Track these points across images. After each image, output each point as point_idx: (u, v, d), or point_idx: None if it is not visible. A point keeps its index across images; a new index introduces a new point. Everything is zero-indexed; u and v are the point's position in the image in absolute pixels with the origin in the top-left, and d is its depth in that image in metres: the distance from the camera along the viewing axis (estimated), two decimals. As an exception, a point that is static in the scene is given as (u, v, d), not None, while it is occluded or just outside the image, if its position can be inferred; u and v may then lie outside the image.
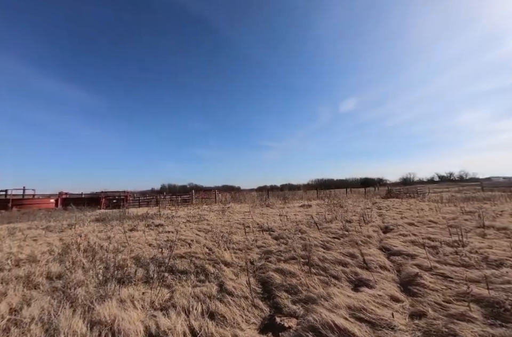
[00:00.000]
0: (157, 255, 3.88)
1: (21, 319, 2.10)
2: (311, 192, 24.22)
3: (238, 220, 7.83)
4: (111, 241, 4.87)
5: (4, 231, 6.96)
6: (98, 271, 3.01)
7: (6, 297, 2.58)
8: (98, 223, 8.27)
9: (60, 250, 4.41)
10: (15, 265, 3.68)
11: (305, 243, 4.39)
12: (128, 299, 2.41)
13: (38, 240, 5.63)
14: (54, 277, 3.10)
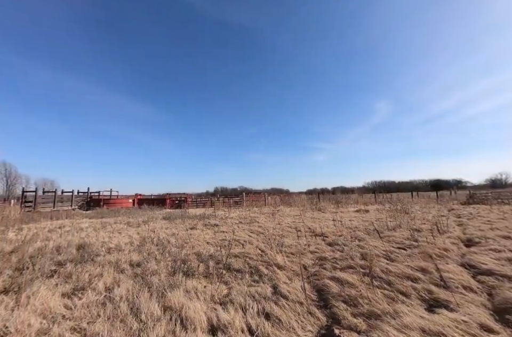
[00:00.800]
0: (215, 253, 4.18)
1: (113, 297, 2.57)
2: (367, 196, 22.10)
3: (289, 223, 7.75)
4: (176, 237, 5.50)
5: (99, 224, 8.67)
6: (167, 263, 3.45)
7: (102, 277, 3.19)
8: (165, 221, 9.45)
9: (138, 242, 5.22)
10: (107, 252, 4.53)
11: (364, 252, 4.02)
12: (193, 291, 2.67)
13: (121, 233, 6.80)
14: (135, 264, 3.68)
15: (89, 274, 3.24)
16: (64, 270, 3.37)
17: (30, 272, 3.30)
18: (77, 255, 4.09)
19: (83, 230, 7.22)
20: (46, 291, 2.72)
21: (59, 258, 3.98)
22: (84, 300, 2.54)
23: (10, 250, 4.47)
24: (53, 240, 5.45)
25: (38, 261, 3.66)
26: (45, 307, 2.39)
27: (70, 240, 5.39)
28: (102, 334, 1.90)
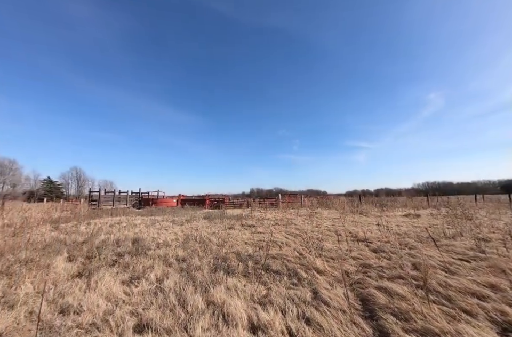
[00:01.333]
0: (253, 253, 4.26)
1: (163, 288, 2.83)
2: (417, 199, 19.79)
3: (328, 227, 7.44)
4: (216, 236, 5.77)
5: (149, 221, 9.62)
6: (209, 260, 3.64)
7: (153, 269, 3.54)
8: (205, 220, 9.99)
9: (182, 239, 5.64)
10: (157, 247, 4.99)
11: (417, 261, 3.62)
12: (233, 289, 2.77)
13: (168, 230, 7.43)
14: (180, 259, 3.99)
15: (142, 266, 3.62)
16: (123, 261, 3.83)
17: (96, 261, 3.85)
18: (132, 248, 4.62)
19: (136, 226, 8.11)
20: (109, 278, 3.14)
21: (118, 250, 4.55)
22: (139, 288, 2.85)
23: (82, 241, 5.27)
24: (113, 234, 6.25)
25: (103, 251, 4.25)
26: (109, 291, 2.76)
27: (126, 235, 6.12)
28: (155, 320, 2.10)
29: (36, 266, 3.48)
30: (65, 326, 2.06)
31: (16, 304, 2.41)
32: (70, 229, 7.42)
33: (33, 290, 2.78)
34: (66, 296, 2.62)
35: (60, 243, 4.91)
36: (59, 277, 3.21)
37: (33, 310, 2.36)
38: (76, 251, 4.35)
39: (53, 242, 4.95)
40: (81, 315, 2.26)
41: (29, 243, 4.71)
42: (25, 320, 2.22)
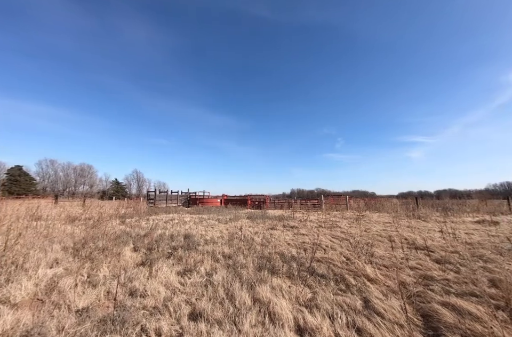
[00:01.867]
0: (297, 255, 4.20)
1: (212, 281, 3.03)
2: (494, 202, 16.50)
3: (378, 231, 6.83)
4: (259, 236, 5.89)
5: (197, 219, 10.39)
6: (253, 259, 3.74)
7: (203, 264, 3.81)
8: (247, 220, 10.27)
9: (227, 237, 5.92)
10: (205, 243, 5.36)
11: (496, 277, 3.04)
12: (278, 288, 2.79)
13: (214, 228, 7.89)
14: (227, 256, 4.20)
15: (193, 260, 3.94)
16: (177, 254, 4.23)
17: (155, 252, 4.34)
18: (184, 243, 5.06)
19: (186, 223, 8.84)
20: (166, 268, 3.51)
21: (173, 244, 5.04)
22: (191, 280, 3.11)
23: (144, 235, 6.02)
24: (168, 230, 6.96)
25: (160, 244, 4.77)
26: (167, 280, 3.09)
27: (178, 231, 6.73)
28: (206, 311, 2.27)
29: (110, 254, 4.12)
30: (134, 307, 2.39)
31: (97, 284, 2.90)
32: (134, 223, 8.54)
33: (109, 274, 3.30)
34: (134, 281, 3.03)
35: (126, 235, 5.70)
36: (127, 264, 3.74)
37: (109, 290, 2.81)
38: (139, 243, 4.98)
39: (121, 234, 5.78)
40: (146, 298, 2.59)
41: (104, 234, 5.60)
42: (104, 298, 2.65)
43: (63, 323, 2.07)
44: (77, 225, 7.14)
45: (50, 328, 1.96)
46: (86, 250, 4.23)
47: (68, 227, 6.59)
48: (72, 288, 2.77)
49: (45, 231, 5.91)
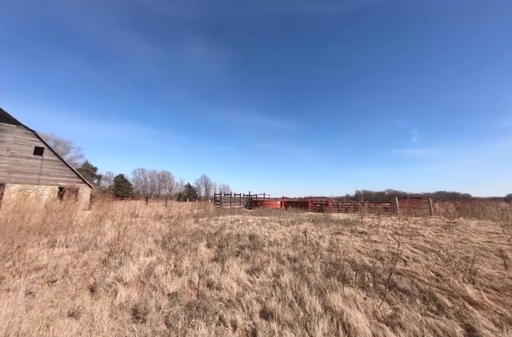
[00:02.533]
0: (371, 265, 3.80)
1: (280, 283, 3.06)
2: None
3: (480, 243, 5.46)
4: (324, 240, 5.62)
5: (259, 221, 10.75)
6: (320, 264, 3.59)
7: (269, 264, 3.90)
8: (310, 223, 9.96)
9: (290, 240, 5.89)
10: (269, 244, 5.48)
11: None
12: (351, 299, 2.58)
13: (276, 230, 7.98)
14: (292, 259, 4.17)
15: (260, 260, 4.08)
16: (244, 253, 4.48)
17: (225, 250, 4.72)
18: (250, 243, 5.31)
19: (250, 224, 9.27)
20: (236, 265, 3.76)
21: (240, 243, 5.37)
22: (259, 279, 3.23)
23: (214, 233, 6.64)
24: (234, 229, 7.46)
25: (229, 243, 5.16)
26: (237, 277, 3.31)
27: (244, 231, 7.13)
28: (277, 311, 2.31)
29: (189, 248, 4.73)
30: (212, 297, 2.66)
31: (182, 274, 3.37)
32: (205, 222, 9.54)
33: (190, 265, 3.78)
34: (210, 274, 3.38)
35: (201, 233, 6.42)
36: (203, 259, 4.20)
37: (191, 280, 3.21)
38: (211, 240, 5.53)
39: (196, 232, 6.55)
40: (221, 291, 2.85)
41: (183, 231, 6.47)
42: (187, 286, 3.05)
43: (159, 303, 2.50)
44: (162, 222, 8.52)
45: (151, 306, 2.39)
46: (171, 244, 4.98)
47: (156, 224, 7.92)
48: (164, 275, 3.31)
49: (142, 226, 7.29)
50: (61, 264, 3.61)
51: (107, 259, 3.92)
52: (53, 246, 4.74)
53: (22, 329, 1.98)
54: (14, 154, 14.86)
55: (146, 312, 2.23)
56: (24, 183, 14.97)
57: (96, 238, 5.23)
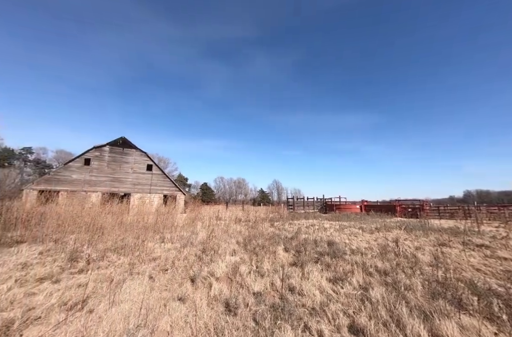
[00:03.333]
0: (501, 290, 2.88)
1: (369, 297, 2.73)
2: None
3: None
4: (423, 252, 4.67)
5: (337, 226, 10.02)
6: (421, 281, 2.99)
7: (353, 275, 3.56)
8: (400, 230, 8.50)
9: (377, 249, 5.20)
10: (351, 253, 5.00)
11: None
12: (473, 331, 2.02)
13: (358, 237, 7.22)
14: (382, 271, 3.66)
15: (342, 269, 3.78)
16: (324, 260, 4.27)
17: (303, 255, 4.63)
18: (329, 250, 5.02)
19: (327, 230, 8.78)
20: (316, 272, 3.62)
21: (317, 249, 5.16)
22: (344, 290, 2.99)
23: (290, 237, 6.65)
24: (310, 235, 7.24)
25: (307, 248, 5.04)
26: (319, 285, 3.17)
27: (321, 237, 6.81)
28: (369, 329, 2.06)
29: (267, 251, 4.92)
30: (294, 302, 2.66)
31: (264, 275, 3.53)
32: (280, 226, 9.70)
33: (270, 268, 3.91)
34: (290, 278, 3.39)
35: (277, 237, 6.56)
36: (282, 262, 4.26)
37: (273, 282, 3.31)
38: (288, 244, 5.56)
39: (273, 236, 6.74)
40: (303, 297, 2.80)
41: (261, 234, 6.80)
42: (269, 287, 3.16)
43: (246, 300, 2.70)
44: (242, 225, 9.23)
45: (240, 302, 2.61)
46: (251, 246, 5.32)
47: (237, 226, 8.65)
48: (248, 274, 3.56)
49: (225, 228, 8.14)
50: (169, 257, 4.47)
51: (201, 255, 4.57)
52: (162, 241, 5.94)
53: (149, 304, 2.56)
54: (135, 171, 19.73)
55: (237, 307, 2.45)
56: (142, 192, 19.56)
57: (191, 236, 6.20)
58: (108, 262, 4.16)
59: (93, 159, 18.18)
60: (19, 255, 4.37)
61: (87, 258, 4.18)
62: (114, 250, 4.77)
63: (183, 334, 2.06)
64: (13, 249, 4.79)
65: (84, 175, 17.69)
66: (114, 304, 2.56)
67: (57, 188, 16.55)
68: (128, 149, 19.73)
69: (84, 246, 4.92)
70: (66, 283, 3.17)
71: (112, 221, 7.18)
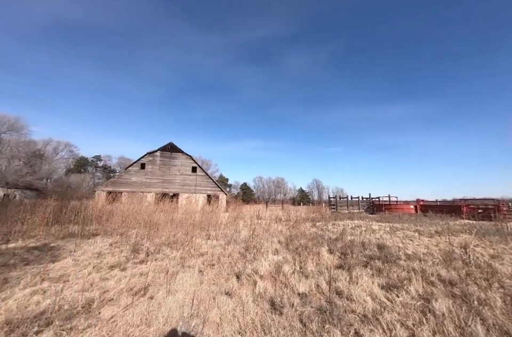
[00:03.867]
0: None
1: (432, 310, 2.41)
2: None
3: None
4: (501, 262, 3.92)
5: (387, 228, 9.14)
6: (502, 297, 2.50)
7: (411, 283, 3.19)
8: (468, 235, 7.28)
9: (439, 255, 4.56)
10: (407, 258, 4.50)
11: None
12: None
13: (413, 241, 6.45)
14: (446, 281, 3.19)
15: (397, 275, 3.43)
16: (374, 264, 3.94)
17: (350, 258, 4.35)
18: (380, 254, 4.60)
19: (376, 232, 8.07)
20: (366, 277, 3.36)
21: (366, 252, 4.78)
22: (400, 299, 2.70)
23: (335, 238, 6.33)
24: (357, 236, 6.77)
25: (354, 251, 4.72)
26: (370, 291, 2.94)
27: (369, 239, 6.31)
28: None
29: (310, 252, 4.77)
30: (343, 306, 2.51)
31: (308, 276, 3.44)
32: (322, 227, 9.32)
33: (314, 269, 3.79)
34: (337, 281, 3.22)
35: (320, 237, 6.33)
36: (327, 264, 4.08)
37: (318, 284, 3.20)
38: (332, 246, 5.30)
39: (315, 236, 6.52)
40: (352, 303, 2.63)
41: (302, 234, 6.65)
42: (315, 289, 3.06)
43: (291, 300, 2.66)
44: (282, 225, 9.18)
45: (285, 302, 2.60)
46: (293, 246, 5.24)
47: (278, 226, 8.64)
48: (291, 274, 3.51)
49: (266, 227, 8.21)
50: (215, 253, 4.72)
51: (244, 253, 4.70)
52: (208, 238, 6.31)
53: (200, 296, 2.74)
54: (182, 173, 21.47)
55: (282, 306, 2.45)
56: (188, 192, 21.15)
57: (234, 234, 6.44)
58: (163, 254, 4.62)
59: (147, 163, 20.47)
60: (95, 246, 5.19)
61: (146, 251, 4.72)
62: (167, 244, 5.27)
63: (232, 327, 2.14)
64: (90, 240, 5.71)
65: (141, 178, 20.03)
66: (170, 293, 2.82)
67: (120, 189, 19.13)
68: (175, 153, 21.58)
69: (143, 239, 5.57)
70: (131, 271, 3.63)
71: (165, 218, 7.96)
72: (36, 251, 4.67)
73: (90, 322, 2.20)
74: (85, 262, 4.06)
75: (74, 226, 7.25)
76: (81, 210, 8.53)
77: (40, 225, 6.70)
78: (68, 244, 5.24)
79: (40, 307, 2.45)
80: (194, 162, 22.21)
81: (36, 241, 5.52)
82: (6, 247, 4.88)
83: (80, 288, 2.96)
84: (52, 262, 4.00)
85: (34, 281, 3.13)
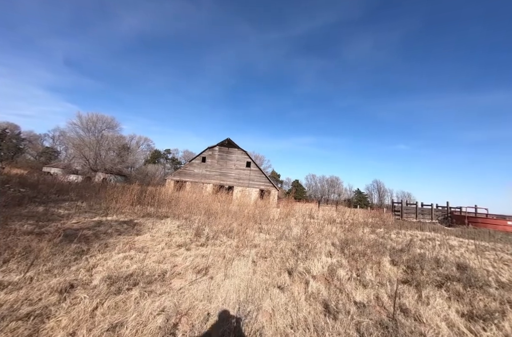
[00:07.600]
0: None
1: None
2: None
3: None
4: None
5: (471, 245, 7.51)
6: None
7: (505, 317, 2.57)
8: None
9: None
10: (500, 286, 3.62)
11: None
12: None
13: (510, 267, 5.12)
14: None
15: (484, 305, 2.81)
16: (452, 286, 3.33)
17: (418, 274, 3.79)
18: (460, 275, 3.84)
19: (454, 248, 6.76)
20: (440, 300, 2.88)
21: (440, 270, 4.07)
22: (488, 333, 2.22)
23: (400, 249, 5.61)
24: (428, 251, 5.82)
25: (423, 266, 4.09)
26: (445, 316, 2.50)
27: (445, 256, 5.34)
28: None
29: (369, 259, 4.37)
30: (408, 327, 2.23)
31: (367, 286, 3.17)
32: (384, 235, 8.37)
33: (374, 279, 3.47)
34: (401, 297, 2.87)
35: (381, 245, 5.71)
36: (389, 276, 3.67)
37: (377, 295, 2.91)
38: (396, 257, 4.71)
39: (375, 244, 5.92)
40: (421, 325, 2.30)
41: (360, 240, 6.13)
42: (373, 301, 2.80)
43: (347, 307, 2.52)
44: (336, 227, 8.68)
45: (340, 307, 2.48)
46: (349, 250, 4.91)
47: (332, 228, 8.22)
48: (347, 280, 3.31)
49: (318, 227, 7.93)
50: (267, 246, 4.86)
51: (296, 250, 4.67)
52: (260, 231, 6.52)
53: (253, 285, 2.89)
54: (237, 167, 22.71)
55: (338, 312, 2.35)
56: (242, 186, 22.26)
57: (286, 231, 6.46)
58: (220, 241, 5.04)
59: (207, 157, 22.45)
60: (166, 226, 6.06)
61: (206, 236, 5.24)
62: (224, 232, 5.72)
63: (284, 320, 2.19)
64: (163, 221, 6.69)
65: (201, 170, 22.15)
66: (227, 277, 3.07)
67: (185, 179, 21.64)
68: (232, 148, 22.94)
69: (204, 225, 6.19)
70: (195, 252, 4.10)
71: (221, 208, 8.62)
72: (125, 225, 5.78)
73: (164, 289, 2.61)
74: (159, 238, 4.80)
75: (150, 207, 8.64)
76: (156, 195, 10.10)
77: (128, 204, 8.25)
78: (147, 222, 6.30)
79: (129, 269, 3.04)
80: (248, 157, 23.12)
81: (124, 217, 6.84)
82: (106, 219, 6.22)
83: (156, 259, 3.53)
84: (136, 235, 4.90)
85: (125, 249, 3.90)
